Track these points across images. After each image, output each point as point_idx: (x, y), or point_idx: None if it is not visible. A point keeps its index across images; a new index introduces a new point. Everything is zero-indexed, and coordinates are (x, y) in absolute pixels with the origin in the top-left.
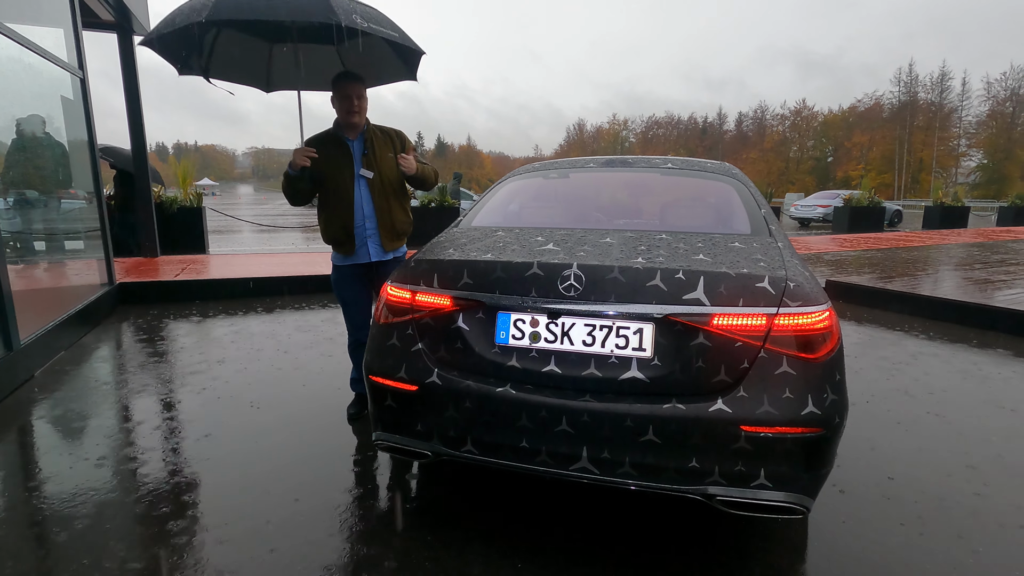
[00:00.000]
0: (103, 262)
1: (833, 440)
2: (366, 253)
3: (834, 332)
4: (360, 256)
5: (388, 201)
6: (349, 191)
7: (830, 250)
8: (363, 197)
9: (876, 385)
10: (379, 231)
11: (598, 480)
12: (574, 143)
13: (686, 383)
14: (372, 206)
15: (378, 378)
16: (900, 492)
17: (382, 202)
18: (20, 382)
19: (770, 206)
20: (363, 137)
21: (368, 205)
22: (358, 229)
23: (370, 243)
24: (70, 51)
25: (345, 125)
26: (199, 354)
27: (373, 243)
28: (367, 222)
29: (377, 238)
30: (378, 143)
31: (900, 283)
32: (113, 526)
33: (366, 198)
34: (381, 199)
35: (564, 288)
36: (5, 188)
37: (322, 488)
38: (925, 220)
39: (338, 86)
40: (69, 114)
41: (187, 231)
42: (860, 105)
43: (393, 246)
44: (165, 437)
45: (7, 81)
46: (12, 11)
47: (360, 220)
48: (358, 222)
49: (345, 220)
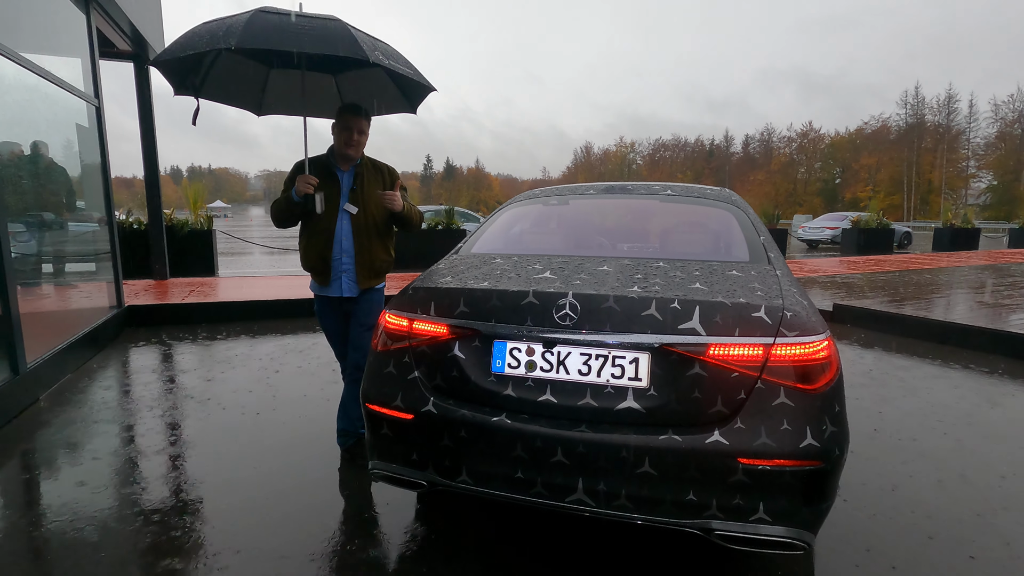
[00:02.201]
0: (112, 284)
1: (833, 473)
2: (339, 287)
3: (833, 362)
4: (333, 289)
5: (370, 239)
6: (331, 222)
7: (839, 272)
8: (343, 231)
9: (889, 411)
10: (356, 267)
11: (594, 512)
12: (581, 165)
13: (682, 414)
14: (351, 241)
15: (375, 406)
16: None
17: (363, 239)
18: (25, 406)
19: (777, 228)
20: (354, 171)
21: (348, 239)
22: (335, 262)
23: (344, 278)
24: (87, 80)
25: (340, 155)
26: (204, 377)
27: (348, 278)
28: (344, 256)
29: (353, 273)
30: (368, 178)
31: (911, 306)
32: (111, 552)
33: (346, 232)
34: (362, 236)
35: (559, 317)
36: (21, 212)
37: (324, 512)
38: (935, 242)
39: (343, 117)
40: (84, 141)
41: (197, 254)
42: (867, 127)
43: (368, 284)
44: (168, 462)
45: (24, 110)
46: (32, 42)
47: (337, 253)
48: (335, 255)
49: (322, 250)
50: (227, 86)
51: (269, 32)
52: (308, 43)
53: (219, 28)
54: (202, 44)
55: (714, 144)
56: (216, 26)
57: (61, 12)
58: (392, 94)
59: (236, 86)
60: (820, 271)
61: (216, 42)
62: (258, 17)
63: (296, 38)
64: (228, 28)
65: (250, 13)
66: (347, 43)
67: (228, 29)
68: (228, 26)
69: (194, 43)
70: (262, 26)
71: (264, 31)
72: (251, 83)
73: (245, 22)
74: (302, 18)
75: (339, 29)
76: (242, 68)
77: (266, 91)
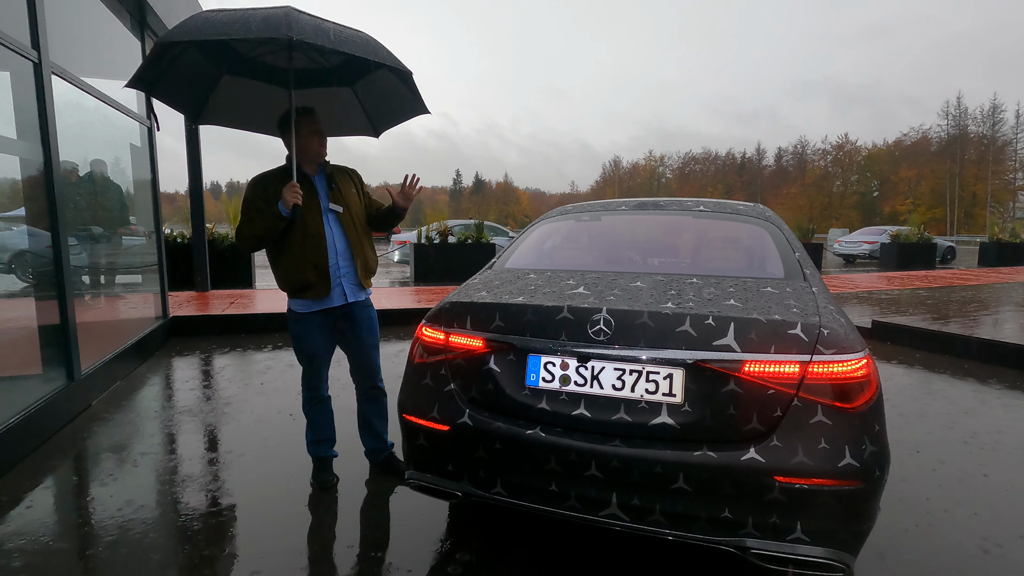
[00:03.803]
0: (159, 296)
1: (874, 494)
2: (341, 294)
3: (872, 381)
4: (334, 298)
5: (360, 237)
6: (319, 227)
7: (878, 288)
8: (335, 233)
9: (933, 435)
10: (354, 268)
11: (628, 527)
12: (610, 179)
13: (717, 430)
14: (346, 242)
15: (412, 417)
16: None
17: (355, 237)
18: (79, 411)
19: (812, 242)
20: (323, 172)
21: (342, 241)
22: (332, 268)
23: (345, 282)
24: (140, 101)
25: (310, 159)
26: (244, 387)
27: (348, 282)
28: (340, 260)
29: (353, 276)
30: (341, 179)
31: (955, 324)
32: (157, 555)
33: (338, 234)
34: (353, 234)
35: (594, 332)
36: (79, 226)
37: (349, 526)
38: (981, 257)
39: (308, 120)
40: (136, 159)
41: (236, 266)
42: (906, 139)
43: (367, 283)
44: (208, 467)
45: (84, 131)
46: (93, 67)
47: (334, 258)
48: (332, 260)
49: (317, 259)
50: (176, 85)
51: (318, 24)
52: (357, 48)
53: (252, 16)
54: (259, 28)
55: (745, 157)
56: (246, 14)
57: (119, 39)
58: (355, 115)
59: (185, 86)
60: (858, 286)
61: (278, 28)
62: (293, 12)
63: (339, 38)
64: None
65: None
66: (382, 52)
67: (273, 13)
68: (265, 15)
69: (249, 24)
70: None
71: (315, 23)
72: (200, 86)
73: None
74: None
75: (370, 39)
76: (198, 68)
77: (213, 97)
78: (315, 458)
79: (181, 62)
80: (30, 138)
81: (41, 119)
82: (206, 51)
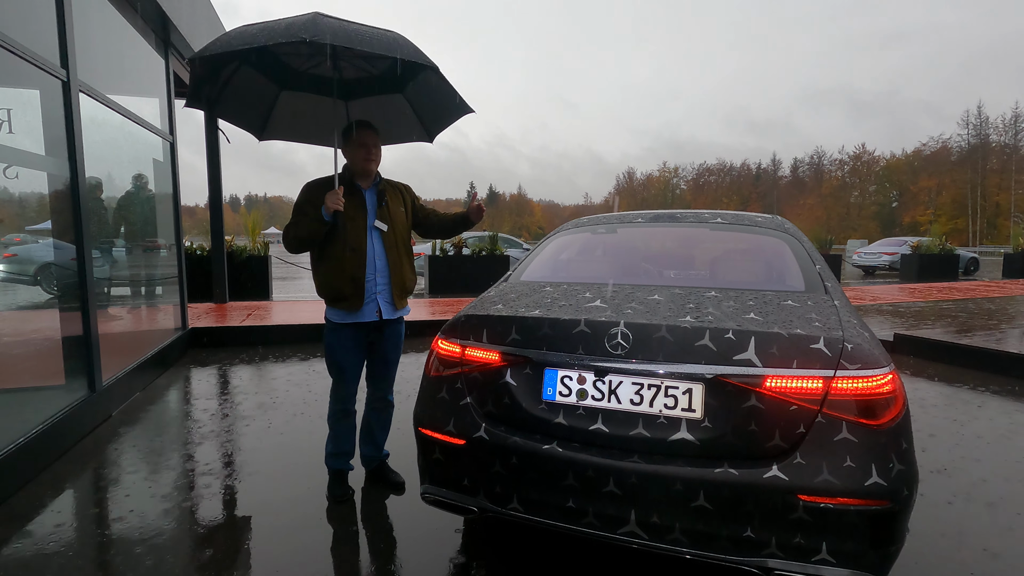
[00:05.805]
0: (178, 307)
1: (902, 514)
2: (373, 310)
3: (899, 397)
4: (366, 314)
5: (400, 256)
6: (362, 241)
7: (900, 300)
8: (376, 250)
9: (952, 453)
10: (390, 287)
11: (647, 546)
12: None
13: (739, 447)
14: (385, 260)
15: (427, 430)
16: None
17: (395, 256)
18: (100, 421)
19: (830, 253)
20: (376, 188)
21: (381, 259)
22: (368, 283)
23: (380, 299)
24: (163, 118)
25: (360, 172)
26: (261, 398)
27: (383, 299)
28: (378, 276)
29: (388, 294)
30: (391, 196)
31: (980, 337)
32: (171, 561)
33: (379, 251)
34: (394, 253)
35: (611, 346)
36: (103, 239)
37: (371, 535)
38: (1005, 268)
39: (360, 133)
40: (158, 173)
41: (254, 278)
42: (926, 148)
43: (402, 304)
44: (225, 478)
45: (110, 147)
46: (119, 85)
47: (371, 274)
48: (369, 275)
49: (355, 272)
50: (237, 103)
51: (351, 31)
52: (392, 48)
53: (294, 21)
54: (283, 34)
55: (761, 168)
56: (271, 25)
57: (144, 58)
58: (409, 121)
59: (245, 104)
60: (878, 299)
61: (300, 32)
62: (320, 17)
63: (359, 37)
64: (289, 24)
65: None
66: (407, 49)
67: (297, 23)
68: (289, 23)
69: (278, 30)
70: (328, 25)
71: (357, 30)
72: (260, 103)
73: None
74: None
75: (398, 37)
76: (255, 85)
77: (274, 113)
78: (332, 470)
79: (237, 81)
80: (58, 154)
81: (68, 135)
82: (260, 68)
